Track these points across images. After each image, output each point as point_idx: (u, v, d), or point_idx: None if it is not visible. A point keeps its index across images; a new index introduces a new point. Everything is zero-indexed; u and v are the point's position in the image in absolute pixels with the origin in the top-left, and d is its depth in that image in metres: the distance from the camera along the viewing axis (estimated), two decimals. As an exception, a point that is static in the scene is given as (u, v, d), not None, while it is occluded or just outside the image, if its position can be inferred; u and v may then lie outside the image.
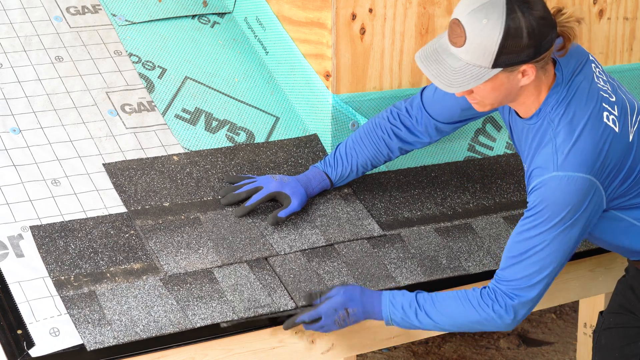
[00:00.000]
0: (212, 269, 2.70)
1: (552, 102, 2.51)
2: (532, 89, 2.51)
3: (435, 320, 2.62)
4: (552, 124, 2.50)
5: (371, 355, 4.48)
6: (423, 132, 2.90)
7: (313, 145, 3.09)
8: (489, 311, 2.58)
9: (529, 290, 2.56)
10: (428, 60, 2.46)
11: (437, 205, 3.06)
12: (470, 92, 2.51)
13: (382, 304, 2.66)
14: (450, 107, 2.84)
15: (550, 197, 2.47)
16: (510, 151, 3.30)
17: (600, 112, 2.51)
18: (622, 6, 3.44)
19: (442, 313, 2.62)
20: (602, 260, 3.24)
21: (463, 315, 2.61)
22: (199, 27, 3.31)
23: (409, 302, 2.64)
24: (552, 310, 4.90)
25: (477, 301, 2.59)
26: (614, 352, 2.89)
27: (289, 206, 2.83)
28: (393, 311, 2.65)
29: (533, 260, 2.53)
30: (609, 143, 2.49)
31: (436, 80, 2.44)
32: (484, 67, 2.40)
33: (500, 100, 2.52)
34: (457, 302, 2.61)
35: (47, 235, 2.65)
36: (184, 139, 3.00)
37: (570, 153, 2.46)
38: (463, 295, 2.62)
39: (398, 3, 3.07)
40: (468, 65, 2.41)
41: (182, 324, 2.54)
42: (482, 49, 2.38)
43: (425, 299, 2.64)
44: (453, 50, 2.43)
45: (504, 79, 2.44)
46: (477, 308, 2.59)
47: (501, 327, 2.61)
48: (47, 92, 2.98)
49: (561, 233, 2.50)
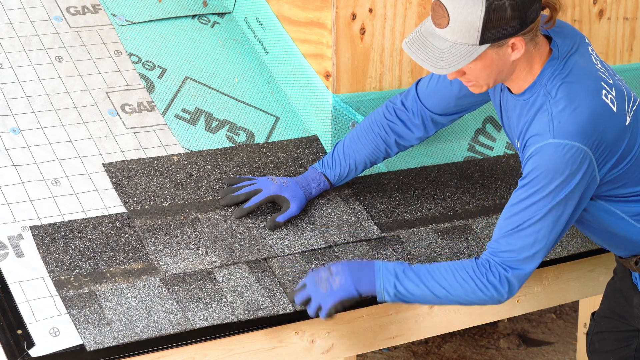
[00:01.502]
0: (212, 269, 2.70)
1: (548, 75, 2.50)
2: (524, 63, 2.49)
3: (430, 288, 2.56)
4: (549, 95, 2.48)
5: (371, 355, 4.48)
6: (419, 124, 2.90)
7: (313, 146, 3.09)
8: (484, 280, 2.53)
9: (524, 262, 2.51)
10: (415, 45, 2.45)
11: (437, 206, 3.06)
12: (463, 74, 2.49)
13: (374, 271, 2.60)
14: (445, 97, 2.84)
15: (545, 164, 2.44)
16: (510, 151, 3.30)
17: (598, 90, 2.49)
18: (622, 6, 3.44)
19: (436, 281, 2.56)
20: (602, 260, 3.24)
21: (457, 284, 2.55)
22: (199, 27, 3.31)
23: (402, 269, 2.58)
24: (552, 310, 4.90)
25: (473, 269, 2.55)
26: (608, 355, 2.88)
27: (287, 210, 2.83)
28: (387, 279, 2.58)
29: (529, 231, 2.49)
30: (606, 120, 2.46)
31: (425, 63, 2.42)
32: (471, 45, 2.39)
33: (495, 78, 2.50)
34: (452, 270, 2.56)
35: (47, 235, 2.65)
36: (184, 139, 3.00)
37: (568, 121, 2.43)
38: (459, 265, 2.57)
39: (398, 3, 3.07)
40: (455, 44, 2.40)
41: (182, 325, 2.54)
42: (466, 27, 2.37)
43: (420, 267, 2.59)
44: (438, 32, 2.41)
45: (494, 55, 2.43)
46: (473, 276, 2.54)
47: (494, 298, 2.55)
48: (47, 92, 2.98)
49: (557, 204, 2.46)
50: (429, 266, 2.59)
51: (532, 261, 2.52)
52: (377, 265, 2.61)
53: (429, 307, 2.94)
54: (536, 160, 2.46)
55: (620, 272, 2.87)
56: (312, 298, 2.62)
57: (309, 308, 2.63)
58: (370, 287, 2.60)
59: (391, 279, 2.58)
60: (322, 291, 2.61)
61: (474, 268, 2.55)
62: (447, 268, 2.58)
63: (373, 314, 2.85)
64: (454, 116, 2.90)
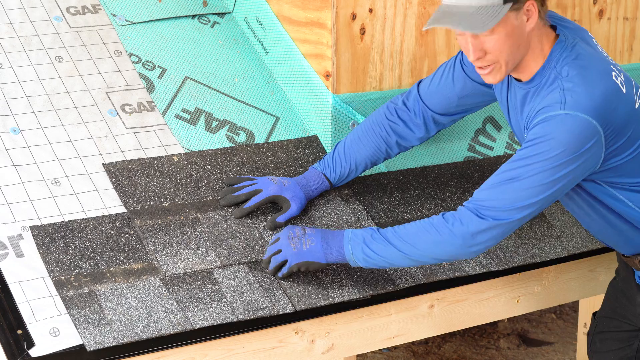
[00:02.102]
0: (211, 269, 2.70)
1: (557, 57, 2.52)
2: (536, 40, 2.53)
3: (397, 246, 2.58)
4: (560, 75, 2.50)
5: (371, 355, 4.48)
6: (421, 124, 2.90)
7: (313, 146, 3.09)
8: (449, 227, 2.54)
9: (504, 213, 2.50)
10: (442, 18, 2.48)
11: (437, 206, 3.06)
12: (485, 54, 2.50)
13: (343, 240, 2.65)
14: (447, 97, 2.85)
15: (552, 132, 2.44)
16: (510, 151, 3.30)
17: (609, 71, 2.51)
18: (622, 6, 3.44)
19: (401, 237, 2.59)
20: (602, 260, 3.24)
21: (423, 236, 2.57)
22: (199, 27, 3.31)
23: (370, 234, 2.62)
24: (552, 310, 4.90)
25: (438, 221, 2.56)
26: (609, 355, 2.89)
27: (287, 211, 2.83)
28: (355, 245, 2.63)
29: (515, 186, 2.49)
30: (617, 99, 2.48)
31: (459, 26, 2.45)
32: (496, 5, 2.43)
33: (514, 55, 2.51)
34: (417, 223, 2.59)
35: (47, 235, 2.65)
36: (184, 139, 3.00)
37: (581, 96, 2.44)
38: (426, 220, 2.59)
39: (398, 3, 3.07)
40: (480, 7, 2.44)
41: (182, 325, 2.54)
42: None
43: (387, 229, 2.62)
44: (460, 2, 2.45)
45: (514, 19, 2.47)
46: (435, 222, 2.56)
47: (458, 244, 2.54)
48: (47, 92, 2.98)
49: (552, 169, 2.46)
50: (397, 226, 2.63)
51: (512, 216, 2.51)
52: (346, 233, 2.66)
53: (428, 307, 2.94)
54: (543, 127, 2.46)
55: (622, 271, 2.87)
56: (282, 252, 2.69)
57: (274, 260, 2.68)
58: (340, 255, 2.66)
59: (359, 244, 2.63)
60: (292, 248, 2.67)
61: (439, 220, 2.57)
62: (413, 223, 2.61)
63: (373, 314, 2.85)
64: (456, 116, 2.90)
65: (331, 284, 2.75)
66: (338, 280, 2.77)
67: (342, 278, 2.78)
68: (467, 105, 2.86)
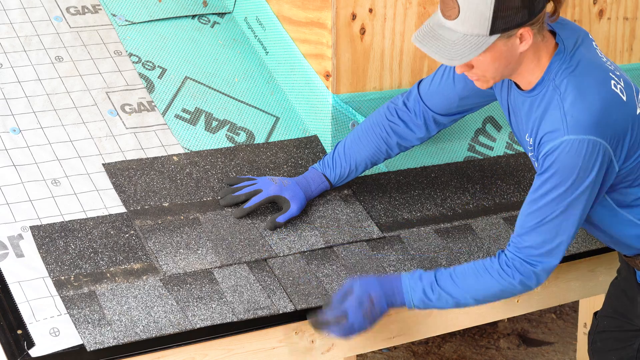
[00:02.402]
0: (212, 269, 2.70)
1: (556, 69, 2.51)
2: (532, 55, 2.51)
3: (457, 298, 2.60)
4: (558, 90, 2.49)
5: (371, 355, 4.48)
6: (421, 125, 2.90)
7: (313, 146, 3.09)
8: (511, 280, 2.57)
9: (550, 255, 2.55)
10: (425, 38, 2.46)
11: (437, 206, 3.06)
12: (471, 67, 2.50)
13: (402, 287, 2.64)
14: (448, 98, 2.84)
15: (563, 161, 2.45)
16: (510, 151, 3.30)
17: (607, 80, 2.50)
18: (622, 6, 3.44)
19: (462, 289, 2.60)
20: (602, 260, 3.24)
21: (485, 288, 2.59)
22: (199, 27, 3.31)
23: (429, 284, 2.62)
24: (552, 310, 4.90)
25: (498, 272, 2.58)
26: (610, 355, 2.89)
27: (287, 211, 2.83)
28: (414, 295, 2.63)
29: (550, 226, 2.51)
30: (617, 109, 2.47)
31: (437, 55, 2.43)
32: (482, 36, 2.40)
33: (502, 72, 2.51)
34: (477, 276, 2.60)
35: (47, 235, 2.65)
36: (184, 139, 3.00)
37: (580, 115, 2.44)
38: (482, 268, 2.60)
39: (398, 3, 3.07)
40: (465, 36, 2.41)
41: (182, 325, 2.54)
42: (477, 16, 2.38)
43: (445, 278, 2.62)
44: (448, 24, 2.42)
45: (502, 46, 2.44)
46: (499, 279, 2.57)
47: (523, 292, 2.61)
48: (47, 92, 2.98)
49: (576, 197, 2.48)
50: (454, 274, 2.62)
51: (557, 253, 2.55)
52: (405, 286, 2.65)
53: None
54: (553, 157, 2.47)
55: (624, 271, 2.87)
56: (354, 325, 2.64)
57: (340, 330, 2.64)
58: (401, 304, 2.66)
59: (418, 295, 2.64)
60: (366, 321, 2.64)
61: (499, 271, 2.58)
62: (473, 276, 2.61)
63: (373, 314, 2.85)
64: (456, 116, 2.90)
65: (331, 284, 2.75)
66: (338, 279, 2.77)
67: (342, 278, 2.78)
68: (468, 105, 2.86)
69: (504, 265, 2.58)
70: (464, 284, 2.60)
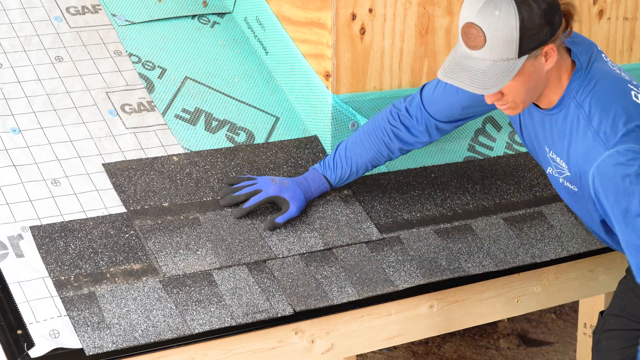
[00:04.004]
0: (211, 271, 2.70)
1: (576, 87, 2.52)
2: (555, 74, 2.52)
3: None
4: (583, 109, 2.49)
5: (371, 356, 4.48)
6: (423, 131, 2.90)
7: (313, 146, 3.09)
8: None
9: None
10: (454, 72, 2.45)
11: (437, 206, 3.06)
12: (502, 96, 2.50)
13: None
14: (451, 106, 2.84)
15: (613, 178, 2.43)
16: (510, 151, 3.30)
17: (627, 91, 2.52)
18: (622, 6, 3.44)
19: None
20: (602, 260, 3.24)
21: None
22: (199, 27, 3.31)
23: None
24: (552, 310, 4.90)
25: None
26: (614, 354, 2.88)
27: (287, 212, 2.83)
28: None
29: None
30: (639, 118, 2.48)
31: (470, 87, 2.42)
32: (511, 59, 2.41)
33: (532, 95, 2.51)
34: None
35: (47, 236, 2.65)
36: (184, 139, 3.00)
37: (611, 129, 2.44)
38: None
39: (398, 3, 3.07)
40: (495, 62, 2.41)
41: (180, 330, 2.54)
42: (505, 41, 2.39)
43: None
44: (475, 54, 2.42)
45: (530, 67, 2.45)
46: None
47: None
48: (47, 92, 2.98)
49: None
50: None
51: None
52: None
53: (428, 307, 2.94)
54: (605, 180, 2.45)
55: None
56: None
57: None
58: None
59: None
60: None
61: None
62: None
63: (373, 314, 2.85)
64: (458, 123, 2.90)
65: (330, 286, 2.75)
66: (337, 282, 2.77)
67: (341, 280, 2.78)
68: (471, 113, 2.86)
69: None
70: None
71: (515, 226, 3.06)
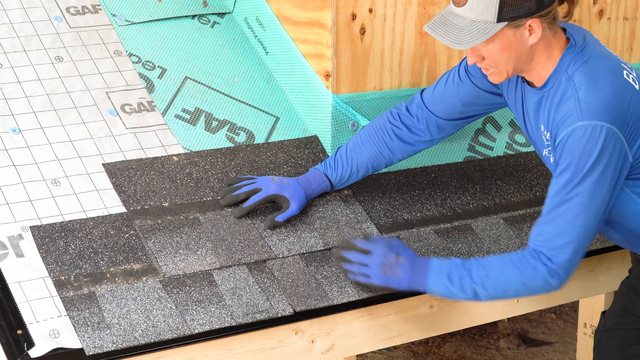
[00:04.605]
0: (211, 271, 2.70)
1: (568, 61, 2.55)
2: (543, 49, 2.55)
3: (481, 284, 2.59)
4: (572, 82, 2.52)
5: (371, 356, 4.48)
6: (424, 130, 2.91)
7: (313, 146, 3.09)
8: (532, 270, 2.55)
9: (564, 249, 2.52)
10: (436, 25, 2.53)
11: (437, 206, 3.06)
12: (482, 59, 2.56)
13: (428, 272, 2.64)
14: (452, 103, 2.86)
15: (576, 147, 2.47)
16: (510, 151, 3.30)
17: (619, 69, 2.54)
18: (622, 6, 3.44)
19: (488, 277, 2.59)
20: (602, 260, 3.24)
21: (508, 277, 2.58)
22: (199, 27, 3.31)
23: (456, 266, 2.63)
24: (552, 310, 4.90)
25: (519, 261, 2.57)
26: (615, 353, 2.89)
27: (287, 210, 2.83)
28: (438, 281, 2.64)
29: (569, 217, 2.50)
30: (629, 96, 2.50)
31: (445, 39, 2.50)
32: (489, 22, 2.47)
33: (514, 64, 2.55)
34: (501, 264, 2.59)
35: (47, 236, 2.65)
36: (184, 139, 3.00)
37: (593, 101, 2.47)
38: (507, 258, 2.60)
39: (398, 3, 3.07)
40: (473, 22, 2.48)
41: (180, 330, 2.54)
42: (484, 3, 2.45)
43: (472, 263, 2.62)
44: (457, 10, 2.50)
45: (511, 36, 2.50)
46: (521, 268, 2.56)
47: (546, 288, 2.58)
48: (47, 92, 2.98)
49: (594, 182, 2.48)
50: (485, 271, 2.61)
51: (568, 248, 2.53)
52: (432, 266, 2.65)
53: (428, 307, 2.94)
54: (568, 146, 2.49)
55: (636, 271, 2.88)
56: (369, 266, 2.67)
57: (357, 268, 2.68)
58: (423, 288, 2.67)
59: (443, 281, 2.63)
60: (381, 273, 2.66)
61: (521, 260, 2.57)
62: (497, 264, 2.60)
63: (373, 314, 2.85)
64: (459, 122, 2.91)
65: (330, 286, 2.75)
66: (337, 282, 2.77)
67: (341, 280, 2.78)
68: (472, 112, 2.87)
69: (527, 255, 2.57)
70: (492, 276, 2.59)
71: (515, 226, 3.06)
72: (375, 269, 2.67)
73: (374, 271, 2.67)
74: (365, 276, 2.68)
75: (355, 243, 2.71)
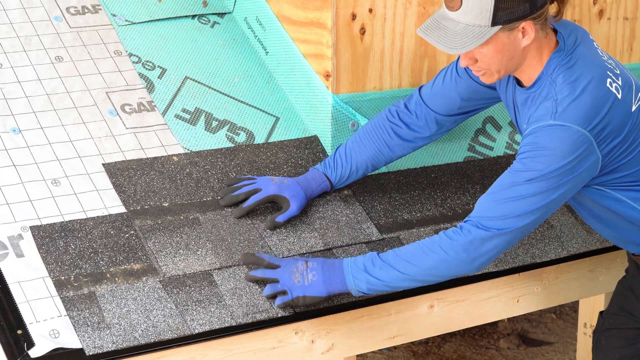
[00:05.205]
0: (211, 271, 2.70)
1: (554, 65, 2.55)
2: (534, 51, 2.56)
3: (400, 269, 2.57)
4: (554, 85, 2.53)
5: (371, 355, 4.48)
6: (423, 126, 2.91)
7: (313, 146, 3.09)
8: (452, 242, 2.54)
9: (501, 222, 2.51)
10: (429, 29, 2.52)
11: (437, 206, 3.06)
12: (475, 61, 2.55)
13: (343, 270, 2.63)
14: (450, 98, 2.86)
15: (541, 142, 2.48)
16: (510, 152, 3.30)
17: (603, 78, 2.53)
18: (622, 6, 3.44)
19: (405, 259, 2.58)
20: (602, 260, 3.24)
21: (426, 255, 2.56)
22: (199, 27, 3.31)
23: (371, 260, 2.60)
24: (552, 310, 4.90)
25: (440, 238, 2.56)
26: (613, 353, 2.89)
27: (287, 210, 2.83)
28: (356, 275, 2.61)
29: (513, 197, 2.50)
30: (609, 105, 2.50)
31: (439, 44, 2.49)
32: (483, 26, 2.46)
33: (506, 66, 2.55)
34: (419, 245, 2.59)
35: (47, 236, 2.65)
36: (184, 139, 3.00)
37: (570, 106, 2.48)
38: (426, 240, 2.59)
39: (398, 3, 3.07)
40: (468, 26, 2.47)
41: (180, 330, 2.54)
42: (478, 7, 2.45)
43: (388, 252, 2.61)
44: (451, 15, 2.49)
45: (505, 38, 2.50)
46: (440, 244, 2.55)
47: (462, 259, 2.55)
48: (47, 92, 2.98)
49: (548, 178, 2.49)
50: (397, 249, 2.61)
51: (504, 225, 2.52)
52: (346, 263, 2.64)
53: (428, 307, 2.94)
54: (533, 138, 2.50)
55: (632, 270, 2.88)
56: (280, 282, 2.63)
57: (272, 287, 2.64)
58: (342, 286, 2.64)
59: (361, 273, 2.61)
60: (294, 282, 2.64)
61: (439, 235, 2.57)
62: (414, 244, 2.60)
63: (373, 314, 2.85)
64: (458, 117, 2.91)
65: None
66: (338, 281, 2.77)
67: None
68: (470, 106, 2.88)
69: (449, 232, 2.57)
70: (405, 253, 2.58)
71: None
72: (286, 280, 2.64)
73: (287, 283, 2.64)
74: (283, 293, 2.64)
75: (261, 257, 2.67)
